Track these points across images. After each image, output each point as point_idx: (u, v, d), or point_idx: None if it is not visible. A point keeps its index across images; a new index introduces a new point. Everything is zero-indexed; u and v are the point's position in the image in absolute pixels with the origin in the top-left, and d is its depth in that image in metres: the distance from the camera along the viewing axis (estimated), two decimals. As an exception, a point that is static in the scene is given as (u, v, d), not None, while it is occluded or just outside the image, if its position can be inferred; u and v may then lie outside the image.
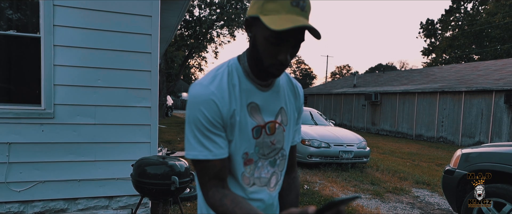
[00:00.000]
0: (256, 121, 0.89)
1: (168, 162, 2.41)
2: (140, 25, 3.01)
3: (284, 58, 0.79)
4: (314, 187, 4.79)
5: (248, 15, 0.82)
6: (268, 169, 0.96)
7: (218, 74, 0.86)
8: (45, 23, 2.75)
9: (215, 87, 0.83)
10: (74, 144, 2.90)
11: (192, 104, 0.83)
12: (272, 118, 0.93)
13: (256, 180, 0.95)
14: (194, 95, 0.83)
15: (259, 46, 0.80)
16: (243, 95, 0.87)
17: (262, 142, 0.92)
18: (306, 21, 0.76)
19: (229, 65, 0.89)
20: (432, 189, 5.08)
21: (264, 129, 0.91)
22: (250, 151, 0.91)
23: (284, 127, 0.96)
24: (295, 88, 1.02)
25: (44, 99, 2.80)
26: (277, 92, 0.94)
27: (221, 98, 0.83)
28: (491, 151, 3.03)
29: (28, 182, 2.81)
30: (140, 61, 3.05)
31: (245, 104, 0.87)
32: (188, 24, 17.78)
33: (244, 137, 0.88)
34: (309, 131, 6.45)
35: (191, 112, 0.84)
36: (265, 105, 0.91)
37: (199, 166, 0.85)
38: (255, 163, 0.93)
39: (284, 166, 1.02)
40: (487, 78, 12.63)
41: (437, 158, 8.41)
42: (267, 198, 0.97)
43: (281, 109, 0.95)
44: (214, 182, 0.85)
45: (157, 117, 3.18)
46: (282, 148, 0.98)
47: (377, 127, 16.10)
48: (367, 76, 24.55)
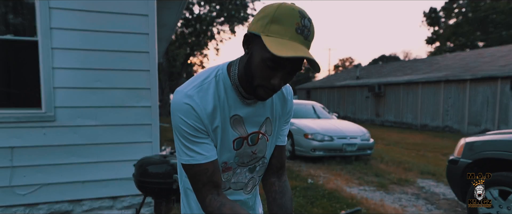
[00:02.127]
0: (238, 133, 0.89)
1: (169, 161, 2.41)
2: (136, 25, 3.00)
3: (277, 83, 0.76)
4: (318, 181, 4.78)
5: (249, 30, 0.78)
6: (246, 175, 0.98)
7: (205, 84, 0.84)
8: (41, 26, 2.75)
9: (199, 98, 0.82)
10: (76, 146, 2.92)
11: (173, 111, 0.84)
12: (256, 129, 0.93)
13: (233, 184, 0.97)
14: (175, 102, 0.83)
15: (253, 65, 0.77)
16: (227, 108, 0.86)
17: (242, 152, 0.93)
18: (308, 52, 0.73)
19: (217, 75, 0.86)
20: (437, 179, 5.05)
21: (246, 140, 0.92)
22: (229, 161, 0.92)
23: (267, 137, 0.97)
24: (285, 93, 0.99)
25: (44, 102, 2.81)
26: (263, 104, 0.93)
27: (203, 109, 0.82)
28: (495, 139, 3.00)
29: (32, 185, 2.83)
30: (138, 60, 3.04)
31: (228, 117, 0.87)
32: (188, 22, 17.76)
33: (225, 149, 0.89)
34: (312, 125, 6.43)
35: (173, 120, 0.84)
36: (249, 117, 0.90)
37: (192, 171, 0.85)
38: (233, 170, 0.95)
39: (263, 172, 1.04)
40: (492, 64, 12.46)
41: (443, 148, 8.35)
42: (243, 199, 1.01)
43: (266, 119, 0.95)
44: (208, 188, 0.85)
45: (158, 117, 3.18)
46: (264, 157, 0.99)
47: (381, 119, 16.01)
48: (370, 67, 24.37)
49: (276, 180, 1.04)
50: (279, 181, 1.04)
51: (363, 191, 4.37)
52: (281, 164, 1.06)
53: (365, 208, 3.61)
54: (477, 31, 28.25)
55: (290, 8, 0.73)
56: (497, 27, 26.49)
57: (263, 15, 0.75)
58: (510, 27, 25.25)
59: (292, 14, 0.72)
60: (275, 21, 0.72)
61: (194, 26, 17.91)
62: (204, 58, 25.04)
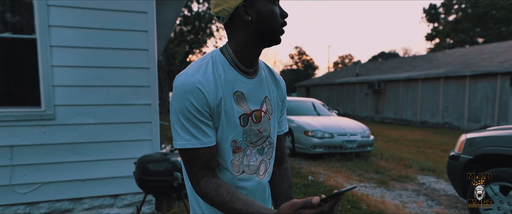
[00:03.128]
0: (242, 109, 0.91)
1: (170, 159, 2.40)
2: (135, 22, 2.99)
3: (285, 13, 0.90)
4: (319, 178, 4.79)
5: (239, 3, 0.85)
6: (256, 157, 0.99)
7: (203, 64, 0.88)
8: (40, 24, 2.73)
9: (201, 76, 0.84)
10: (76, 145, 2.91)
11: (178, 93, 0.83)
12: (258, 107, 0.95)
13: (245, 168, 0.97)
14: (179, 84, 0.84)
15: (268, 16, 0.86)
16: (228, 84, 0.88)
17: (249, 130, 0.93)
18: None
19: (213, 56, 0.91)
20: (437, 176, 5.05)
21: (251, 117, 0.93)
22: (238, 139, 0.92)
23: (269, 116, 0.99)
24: (277, 78, 1.06)
25: (43, 101, 2.80)
26: (260, 82, 0.96)
27: (207, 86, 0.84)
28: (496, 135, 2.99)
29: (33, 183, 2.83)
30: (137, 58, 3.03)
31: (231, 93, 0.89)
32: (187, 19, 17.70)
33: (232, 125, 0.90)
34: (312, 122, 6.43)
35: (177, 101, 0.84)
36: (250, 94, 0.93)
37: (188, 155, 0.85)
38: (244, 151, 0.95)
39: (272, 154, 1.04)
40: (491, 61, 12.46)
41: (442, 144, 8.36)
42: (255, 186, 1.00)
43: (265, 98, 0.98)
44: (204, 172, 0.86)
45: (157, 114, 3.17)
46: (269, 136, 1.00)
47: (381, 115, 16.02)
48: (370, 64, 24.35)
49: (276, 168, 1.08)
50: (279, 169, 1.08)
51: (363, 187, 4.38)
52: (281, 154, 1.10)
53: (366, 204, 3.61)
54: (477, 27, 28.22)
55: None
56: (496, 23, 26.46)
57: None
58: (510, 23, 25.22)
59: None
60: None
61: (193, 24, 17.86)
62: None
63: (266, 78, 1.00)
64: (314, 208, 0.66)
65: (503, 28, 25.61)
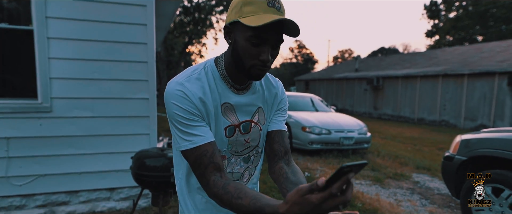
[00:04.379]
0: (229, 121, 0.92)
1: (167, 154, 2.41)
2: (134, 15, 2.96)
3: (266, 57, 0.81)
4: (315, 174, 4.82)
5: (226, 23, 0.85)
6: (241, 165, 1.00)
7: (194, 73, 0.89)
8: (37, 15, 2.70)
9: (189, 84, 0.86)
10: (73, 138, 2.91)
11: (166, 100, 0.86)
12: (249, 118, 0.95)
13: (229, 174, 0.98)
14: (168, 92, 0.86)
15: (240, 50, 0.83)
16: (218, 96, 0.89)
17: (235, 140, 0.94)
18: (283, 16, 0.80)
19: (205, 67, 0.91)
20: (432, 174, 5.10)
21: (238, 128, 0.94)
22: (223, 148, 0.94)
23: (260, 126, 0.99)
24: (273, 83, 1.04)
25: (40, 93, 2.79)
26: (253, 94, 0.96)
27: (194, 93, 0.85)
28: (490, 137, 3.01)
29: (29, 176, 2.83)
30: (136, 52, 3.01)
31: (219, 104, 0.90)
32: (187, 10, 17.54)
33: (217, 136, 0.91)
34: (309, 118, 6.44)
35: (167, 108, 0.86)
36: (240, 106, 0.93)
37: (193, 156, 0.85)
38: (228, 159, 0.97)
39: (258, 162, 1.05)
40: (490, 60, 12.47)
41: (439, 142, 8.42)
42: None
43: (258, 108, 0.98)
44: (211, 170, 0.84)
45: (155, 109, 3.17)
46: (257, 146, 1.01)
47: (379, 112, 16.06)
48: (369, 60, 24.32)
49: (285, 165, 0.99)
50: (288, 166, 0.99)
51: (359, 185, 4.41)
52: (285, 149, 1.02)
53: (361, 202, 3.65)
54: (477, 25, 28.14)
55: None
56: (497, 21, 26.38)
57: (235, 4, 0.83)
58: (510, 22, 25.16)
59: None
60: (246, 4, 0.80)
61: (192, 15, 17.71)
62: (203, 47, 24.89)
63: (261, 88, 0.99)
64: (322, 191, 0.59)
65: (504, 27, 25.55)
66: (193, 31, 18.57)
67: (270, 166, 1.00)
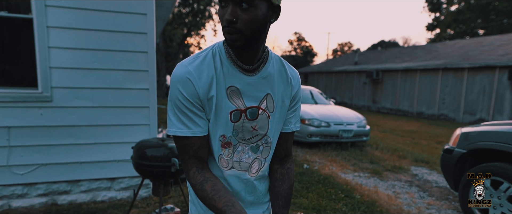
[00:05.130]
0: (235, 105, 0.90)
1: (167, 145, 2.41)
2: (134, 5, 2.93)
3: (228, 17, 0.77)
4: (314, 166, 4.85)
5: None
6: (249, 154, 0.97)
7: (201, 55, 0.88)
8: (36, 3, 2.67)
9: (194, 67, 0.85)
10: (73, 127, 2.91)
11: (172, 83, 0.87)
12: (256, 104, 0.92)
13: (236, 164, 0.96)
14: (173, 74, 0.86)
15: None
16: (223, 78, 0.87)
17: (241, 126, 0.92)
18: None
19: (213, 48, 0.90)
20: (430, 167, 5.13)
21: (245, 113, 0.91)
22: (227, 134, 0.91)
23: (269, 114, 0.95)
24: (288, 75, 0.98)
25: (40, 82, 2.78)
26: (263, 78, 0.92)
27: (198, 78, 0.84)
28: (490, 130, 3.03)
29: (30, 165, 2.84)
30: (136, 42, 2.99)
31: (224, 87, 0.87)
32: (185, 1, 17.37)
33: (221, 120, 0.89)
34: (309, 110, 6.45)
35: (171, 90, 0.87)
36: (247, 90, 0.90)
37: (179, 143, 0.88)
38: (234, 147, 0.94)
39: (268, 154, 1.01)
40: (491, 53, 12.44)
41: (437, 136, 8.46)
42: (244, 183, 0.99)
43: (267, 95, 0.94)
44: (193, 161, 0.89)
45: (155, 99, 3.16)
46: (266, 135, 0.97)
47: (378, 105, 16.09)
48: (369, 53, 24.24)
49: (279, 166, 1.04)
50: (281, 168, 1.04)
51: (357, 177, 4.44)
52: (286, 152, 1.05)
53: (359, 194, 3.68)
54: (478, 18, 27.98)
55: None
56: (498, 14, 26.24)
57: None
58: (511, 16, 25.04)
59: None
60: None
61: (191, 6, 17.55)
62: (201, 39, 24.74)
63: (273, 74, 0.94)
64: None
65: (505, 20, 25.43)
66: (192, 22, 18.42)
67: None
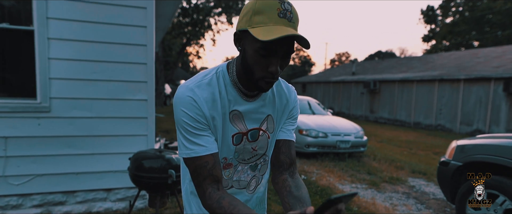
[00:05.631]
0: (237, 128, 0.91)
1: (165, 156, 2.42)
2: (134, 17, 2.97)
3: (274, 69, 0.78)
4: (311, 177, 4.84)
5: (237, 29, 0.83)
6: (248, 173, 0.99)
7: (205, 78, 0.88)
8: (38, 15, 2.71)
9: (199, 90, 0.85)
10: (71, 138, 2.91)
11: (175, 105, 0.86)
12: (257, 125, 0.94)
13: (235, 183, 0.97)
14: (177, 96, 0.86)
15: (249, 59, 0.81)
16: (226, 102, 0.88)
17: (242, 148, 0.93)
18: (294, 31, 0.76)
19: (217, 72, 0.90)
20: (428, 179, 5.14)
21: (246, 136, 0.93)
22: (229, 156, 0.93)
23: (269, 134, 0.97)
24: (287, 95, 1.00)
25: (39, 93, 2.79)
26: (263, 100, 0.94)
27: (203, 99, 0.85)
28: (485, 143, 3.05)
29: (26, 175, 2.83)
30: (135, 53, 3.02)
31: (227, 112, 0.89)
32: (185, 11, 17.54)
33: (224, 144, 0.90)
34: (306, 121, 6.47)
35: (176, 114, 0.86)
36: (249, 113, 0.92)
37: (193, 165, 0.86)
38: (235, 167, 0.96)
39: (266, 170, 1.04)
40: (486, 65, 12.59)
41: (434, 146, 8.48)
42: (243, 200, 1.00)
43: (268, 116, 0.96)
44: (208, 182, 0.85)
45: (154, 110, 3.18)
46: (265, 154, 0.99)
47: (376, 115, 16.14)
48: (366, 63, 24.44)
49: (289, 176, 0.97)
50: (292, 178, 0.97)
51: (355, 188, 4.44)
52: (291, 160, 0.99)
53: (357, 206, 3.68)
54: (473, 30, 28.39)
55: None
56: (493, 27, 26.64)
57: (246, 11, 0.80)
58: (506, 28, 25.42)
59: (271, 2, 0.76)
60: (257, 12, 0.77)
61: (191, 16, 17.71)
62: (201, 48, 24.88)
63: (272, 95, 0.96)
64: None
65: (499, 32, 25.80)
66: (191, 32, 18.56)
67: (274, 176, 0.99)
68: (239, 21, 0.82)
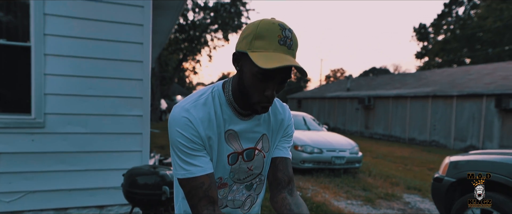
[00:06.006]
0: (232, 148, 0.91)
1: (159, 172, 2.41)
2: (131, 34, 3.02)
3: (270, 94, 0.80)
4: (307, 193, 4.81)
5: (236, 49, 0.84)
6: (243, 193, 0.98)
7: (201, 99, 0.88)
8: (35, 32, 2.74)
9: (195, 111, 0.85)
10: (64, 154, 2.89)
11: (170, 126, 0.86)
12: (252, 145, 0.94)
13: (229, 202, 0.97)
14: (172, 117, 0.86)
15: (246, 81, 0.82)
16: (222, 122, 0.89)
17: (238, 168, 0.93)
18: (293, 60, 0.77)
19: (212, 92, 0.90)
20: (423, 195, 5.13)
21: (241, 155, 0.92)
22: (224, 176, 0.93)
23: (264, 154, 0.97)
24: (281, 114, 1.01)
25: (34, 109, 2.79)
26: (258, 120, 0.95)
27: (198, 120, 0.85)
28: (478, 159, 3.08)
29: (18, 192, 2.78)
30: (131, 70, 3.05)
31: (222, 131, 0.89)
32: (182, 28, 17.77)
33: (219, 163, 0.90)
34: (302, 137, 6.48)
35: (171, 134, 0.86)
36: (244, 132, 0.92)
37: (188, 186, 0.85)
38: (230, 187, 0.95)
39: (261, 190, 1.03)
40: (478, 82, 12.81)
41: (429, 162, 8.50)
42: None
43: (263, 136, 0.96)
44: (204, 203, 0.84)
45: (148, 126, 3.18)
46: (260, 173, 0.99)
47: (371, 131, 16.21)
48: (361, 79, 24.73)
49: (287, 194, 0.96)
50: (291, 196, 0.96)
51: (350, 205, 4.42)
52: (289, 178, 0.99)
53: (352, 222, 3.65)
54: (464, 48, 29.04)
55: (270, 22, 0.78)
56: (483, 44, 27.30)
57: (247, 33, 0.80)
58: (496, 45, 26.05)
59: (273, 28, 0.77)
60: (258, 37, 0.77)
61: (188, 32, 17.93)
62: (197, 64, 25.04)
63: (267, 115, 0.96)
64: None
65: (490, 50, 26.42)
66: (188, 48, 18.74)
67: (272, 195, 0.98)
68: (239, 42, 0.83)
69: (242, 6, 17.96)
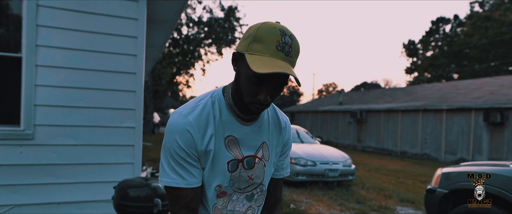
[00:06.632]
0: (233, 155, 0.89)
1: (151, 184, 2.37)
2: (125, 46, 3.02)
3: (263, 98, 0.79)
4: (300, 206, 4.77)
5: (236, 50, 0.84)
6: (243, 203, 0.95)
7: (200, 104, 0.87)
8: (27, 43, 2.72)
9: (193, 117, 0.84)
10: (54, 166, 2.82)
11: (168, 132, 0.85)
12: (252, 152, 0.92)
13: (229, 213, 0.94)
14: (171, 123, 0.84)
15: (241, 82, 0.81)
16: (222, 127, 0.87)
17: (238, 176, 0.91)
18: (288, 67, 0.76)
19: (212, 96, 0.89)
20: (416, 207, 5.13)
21: (242, 163, 0.90)
22: (224, 184, 0.90)
23: (264, 162, 0.95)
24: (281, 122, 1.00)
25: (23, 120, 2.74)
26: (259, 127, 0.93)
27: (197, 129, 0.83)
28: (469, 171, 3.11)
29: (3, 205, 2.69)
30: (124, 81, 3.04)
31: (222, 137, 0.87)
32: (176, 42, 17.86)
33: (218, 170, 0.88)
34: (295, 150, 6.48)
35: (166, 139, 0.85)
36: (244, 139, 0.90)
37: (171, 193, 0.85)
38: (229, 196, 0.92)
39: (262, 201, 1.00)
40: (466, 96, 13.08)
41: (421, 175, 8.54)
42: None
43: (263, 144, 0.94)
44: (184, 212, 0.84)
45: (141, 138, 3.14)
46: (261, 183, 0.96)
47: (363, 144, 16.28)
48: (353, 94, 25.03)
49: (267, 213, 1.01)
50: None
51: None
52: (276, 199, 1.02)
53: (346, 235, 3.61)
54: (452, 63, 29.80)
55: (271, 26, 0.77)
56: (470, 60, 28.06)
57: (247, 35, 0.80)
58: (482, 62, 26.80)
59: (273, 32, 0.76)
60: (257, 40, 0.76)
61: (181, 47, 18.02)
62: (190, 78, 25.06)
63: (267, 122, 0.95)
64: None
65: (477, 66, 27.14)
66: (181, 62, 18.78)
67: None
68: (240, 42, 0.83)
69: (235, 21, 18.18)
